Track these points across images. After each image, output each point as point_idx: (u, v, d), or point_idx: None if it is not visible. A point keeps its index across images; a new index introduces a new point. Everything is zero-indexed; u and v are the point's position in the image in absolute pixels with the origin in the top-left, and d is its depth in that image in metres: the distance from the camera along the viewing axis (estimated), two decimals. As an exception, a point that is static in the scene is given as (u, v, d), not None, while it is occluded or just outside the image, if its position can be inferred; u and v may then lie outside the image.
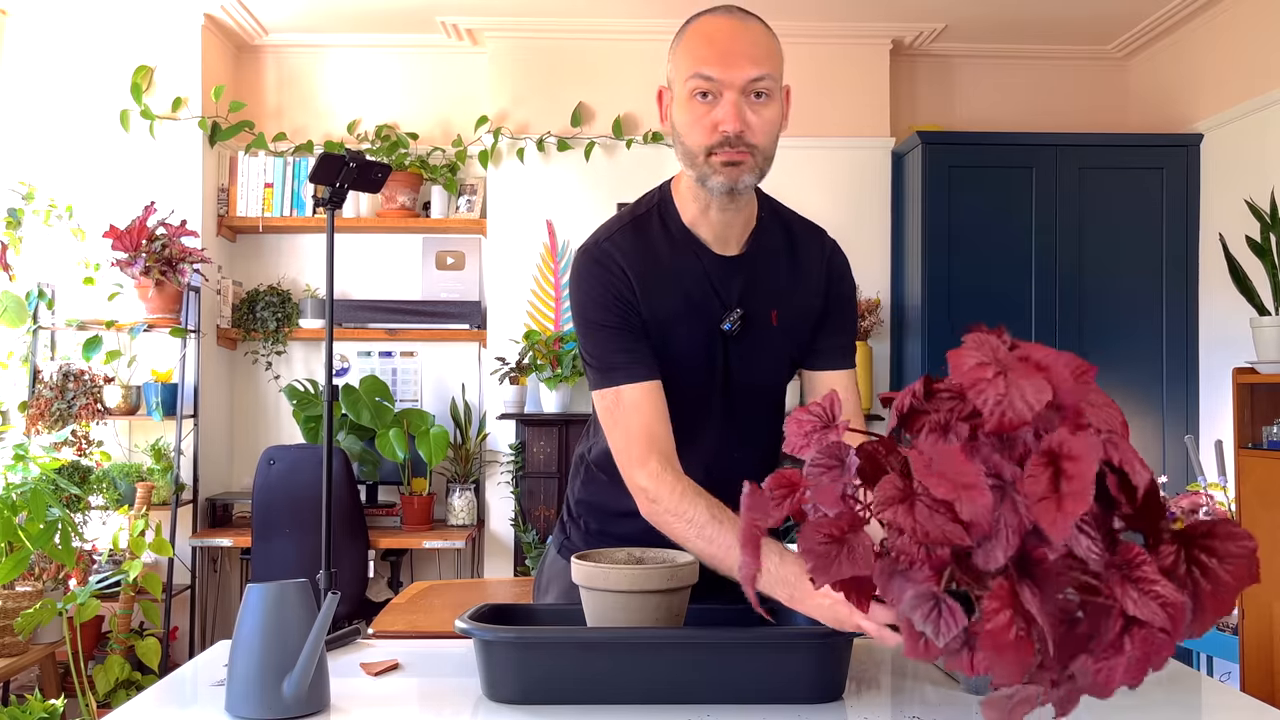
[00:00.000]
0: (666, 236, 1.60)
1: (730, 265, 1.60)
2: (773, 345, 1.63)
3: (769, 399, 1.69)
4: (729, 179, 1.50)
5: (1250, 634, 3.10)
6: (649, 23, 4.43)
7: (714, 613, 1.55)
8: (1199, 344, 4.24)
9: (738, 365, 1.61)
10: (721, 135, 1.47)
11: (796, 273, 1.65)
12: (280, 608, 1.30)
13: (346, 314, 4.49)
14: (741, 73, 1.46)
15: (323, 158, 2.09)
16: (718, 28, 1.50)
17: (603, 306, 1.56)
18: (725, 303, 1.59)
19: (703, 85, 1.47)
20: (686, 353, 1.59)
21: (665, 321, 1.57)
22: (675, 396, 1.57)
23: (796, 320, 1.64)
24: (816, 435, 0.99)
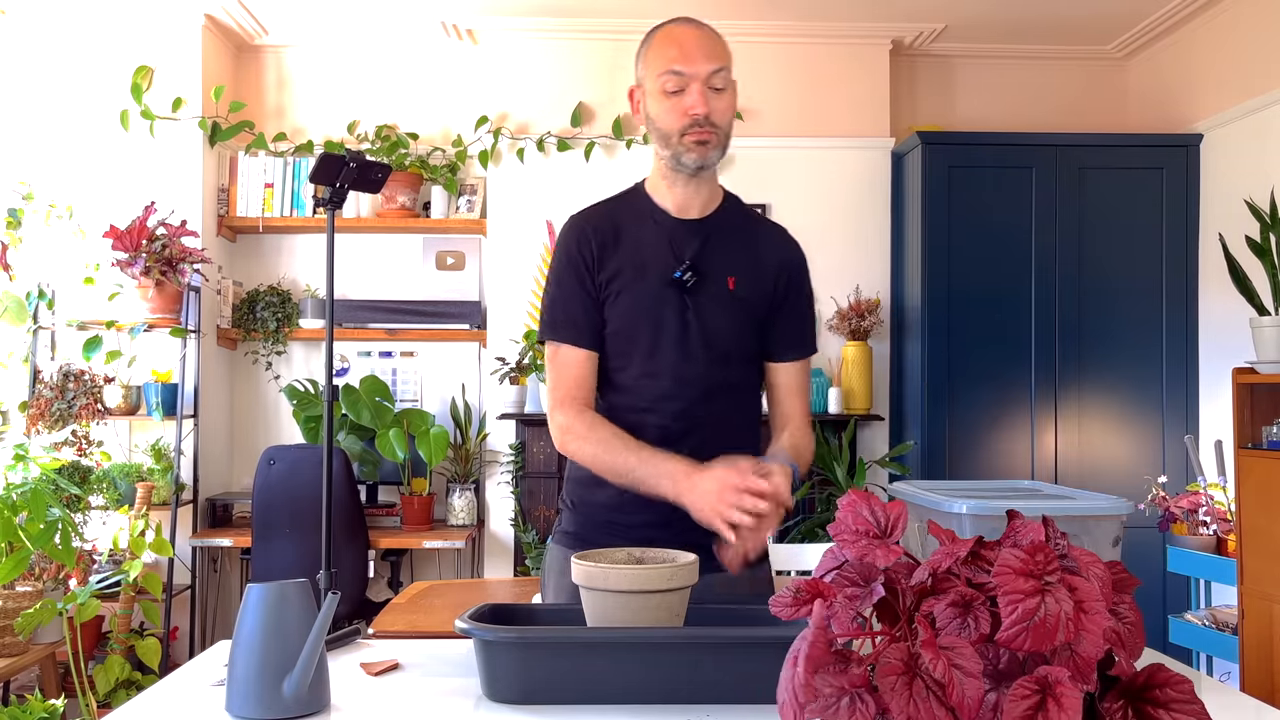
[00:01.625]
0: (632, 209, 1.88)
1: (687, 227, 1.85)
2: (729, 308, 1.82)
3: (728, 355, 1.83)
4: (700, 155, 1.78)
5: (1250, 634, 3.10)
6: (648, 23, 4.42)
7: (714, 613, 1.55)
8: (1199, 344, 4.24)
9: (694, 318, 1.80)
10: (692, 118, 1.76)
11: (755, 251, 1.87)
12: (280, 608, 1.30)
13: (346, 314, 4.49)
14: (705, 66, 1.77)
15: (323, 158, 2.09)
16: (683, 33, 1.81)
17: (564, 268, 1.83)
18: (679, 258, 1.81)
19: (674, 80, 1.77)
20: (649, 296, 1.80)
21: (633, 269, 1.81)
22: (644, 349, 1.80)
23: (753, 293, 1.84)
24: (866, 543, 0.99)
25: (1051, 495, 1.70)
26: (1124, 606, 0.95)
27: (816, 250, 4.59)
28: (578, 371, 1.81)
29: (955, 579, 0.94)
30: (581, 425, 1.77)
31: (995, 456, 4.24)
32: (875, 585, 0.95)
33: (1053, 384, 4.24)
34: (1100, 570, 0.92)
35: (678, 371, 1.80)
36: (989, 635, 0.89)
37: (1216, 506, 3.60)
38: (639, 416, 1.80)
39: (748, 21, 4.43)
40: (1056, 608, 0.86)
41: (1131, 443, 4.25)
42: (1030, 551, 0.90)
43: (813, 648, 0.89)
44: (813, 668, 0.89)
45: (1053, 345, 4.24)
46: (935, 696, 0.85)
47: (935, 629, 0.90)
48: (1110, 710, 0.89)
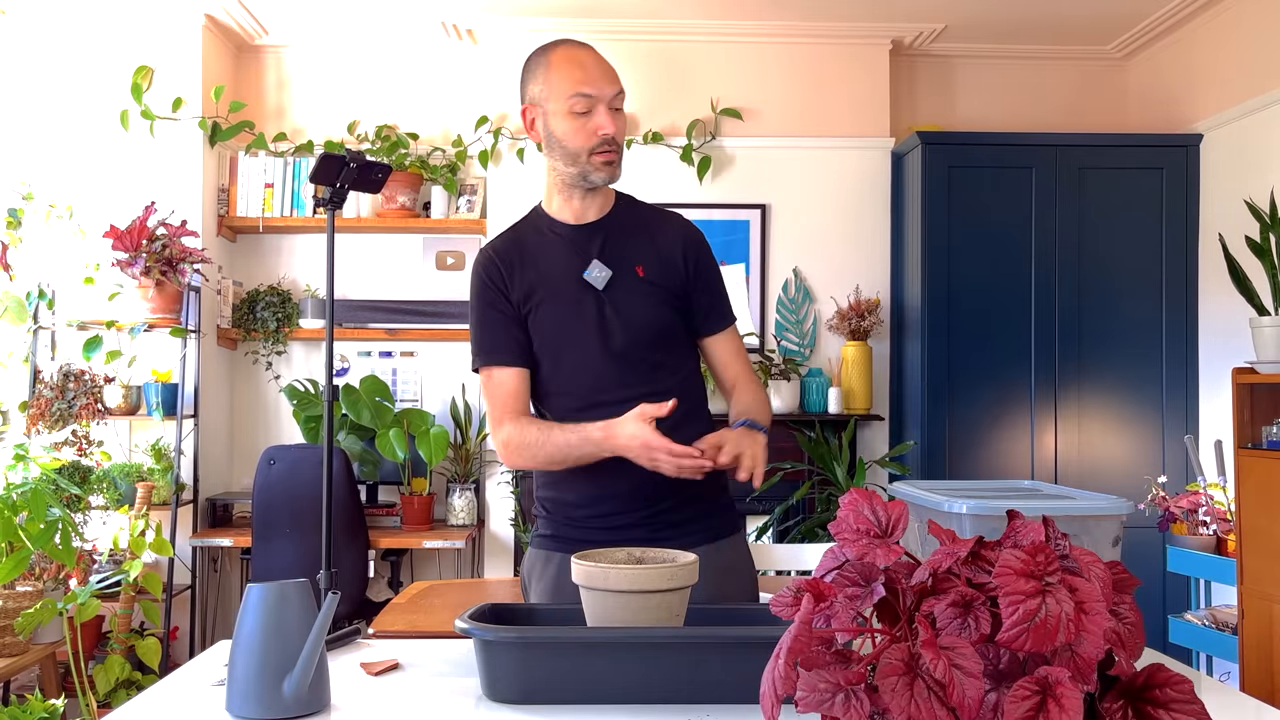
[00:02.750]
0: (533, 228, 1.98)
1: (586, 230, 1.94)
2: (644, 294, 1.90)
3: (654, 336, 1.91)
4: (608, 174, 1.89)
5: (1250, 634, 3.10)
6: (648, 23, 4.43)
7: (714, 613, 1.55)
8: (1199, 344, 4.24)
9: (613, 311, 1.88)
10: (601, 138, 1.86)
11: (655, 239, 1.96)
12: (280, 608, 1.30)
13: (346, 314, 4.49)
14: (609, 89, 1.87)
15: (323, 158, 2.09)
16: (585, 56, 1.90)
17: (480, 298, 1.92)
18: (585, 259, 1.90)
19: (582, 103, 1.86)
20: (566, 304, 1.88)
21: (539, 285, 1.89)
22: (573, 350, 1.88)
23: (664, 277, 1.92)
24: (867, 542, 0.99)
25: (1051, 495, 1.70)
26: (1124, 607, 0.95)
27: (816, 250, 4.62)
28: (510, 388, 1.90)
29: (956, 579, 0.94)
30: (517, 432, 1.85)
31: (995, 456, 4.24)
32: (876, 585, 0.95)
33: (1053, 384, 4.24)
34: (1101, 571, 0.92)
35: (609, 364, 1.87)
36: (989, 635, 0.89)
37: (1216, 506, 3.60)
38: (583, 415, 1.85)
39: (748, 21, 4.43)
40: (1057, 608, 0.86)
41: (1131, 443, 4.25)
42: (1031, 552, 0.90)
43: (795, 641, 0.89)
44: (793, 660, 0.89)
45: (1053, 345, 4.24)
46: (936, 697, 0.85)
47: (936, 629, 0.90)
48: (1110, 710, 0.89)
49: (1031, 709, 0.84)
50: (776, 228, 4.46)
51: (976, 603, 0.91)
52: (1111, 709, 0.89)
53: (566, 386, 1.90)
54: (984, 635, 0.89)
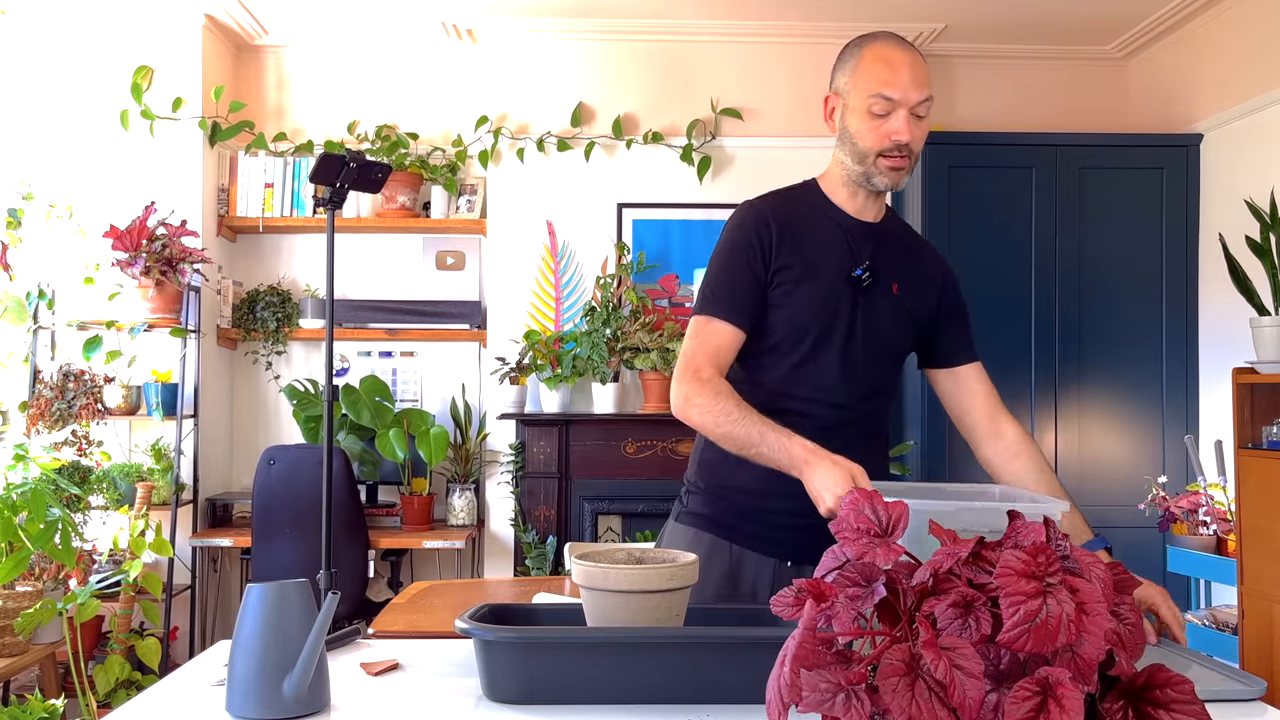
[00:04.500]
0: (811, 204, 1.93)
1: (865, 228, 1.90)
2: (893, 309, 1.89)
3: (888, 356, 1.91)
4: (893, 180, 1.84)
5: (1250, 634, 3.10)
6: (648, 23, 4.43)
7: (714, 613, 1.55)
8: (1199, 344, 4.24)
9: (864, 313, 1.86)
10: (894, 143, 1.80)
11: (916, 263, 1.95)
12: (280, 608, 1.30)
13: (346, 314, 4.49)
14: (915, 95, 1.81)
15: (323, 158, 2.09)
16: (897, 57, 1.84)
17: (736, 250, 1.86)
18: (857, 257, 1.87)
19: (882, 104, 1.81)
20: (825, 292, 1.84)
21: (808, 264, 1.85)
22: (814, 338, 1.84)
23: (915, 302, 1.91)
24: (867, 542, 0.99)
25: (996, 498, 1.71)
26: (1125, 607, 0.95)
27: (816, 250, 4.59)
28: (720, 342, 1.83)
29: (956, 579, 0.94)
30: (709, 391, 1.76)
31: (995, 456, 4.23)
32: (876, 585, 0.95)
33: (1053, 384, 4.24)
34: (1101, 571, 0.92)
35: (841, 368, 1.85)
36: (990, 636, 0.89)
37: (1216, 506, 3.60)
38: (796, 405, 1.83)
39: (748, 21, 4.43)
40: (1058, 609, 0.86)
41: (1131, 443, 4.25)
42: (1032, 553, 0.90)
43: (800, 647, 0.89)
44: (799, 667, 0.89)
45: (1053, 345, 4.24)
46: (937, 697, 0.85)
47: (937, 629, 0.90)
48: (1111, 711, 0.89)
49: (1032, 709, 0.84)
50: (776, 228, 4.45)
51: (977, 603, 0.91)
52: (1112, 709, 0.89)
53: (788, 374, 1.85)
54: (985, 636, 0.89)
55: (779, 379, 1.86)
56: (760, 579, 1.85)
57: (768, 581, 1.85)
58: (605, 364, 4.27)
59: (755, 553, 1.86)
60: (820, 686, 0.88)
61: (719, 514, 1.89)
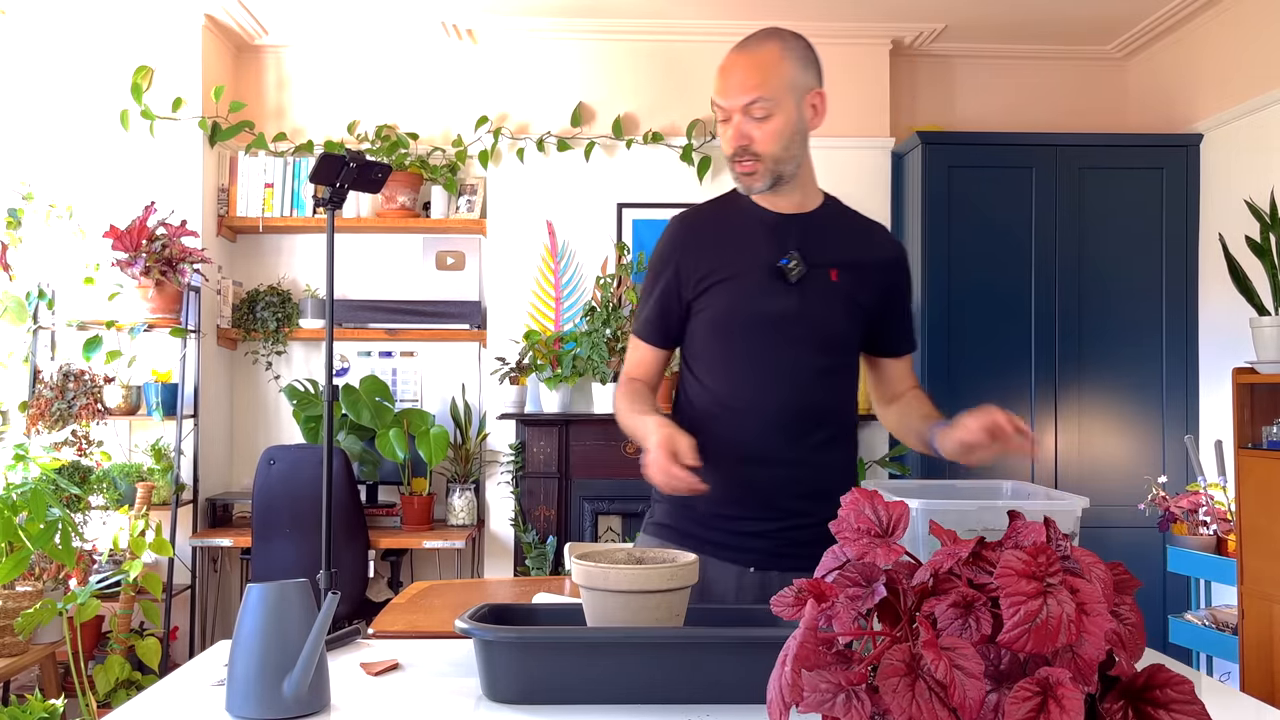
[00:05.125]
0: (733, 205, 1.93)
1: (791, 220, 1.89)
2: (833, 296, 1.86)
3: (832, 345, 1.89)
4: (746, 184, 1.86)
5: (1250, 634, 3.10)
6: (648, 23, 4.43)
7: (714, 613, 1.55)
8: (1199, 344, 4.24)
9: (799, 304, 1.84)
10: (733, 148, 1.82)
11: (857, 247, 1.92)
12: (280, 608, 1.30)
13: (346, 314, 4.49)
14: (740, 99, 1.79)
15: (323, 158, 2.09)
16: (730, 62, 1.84)
17: (653, 267, 1.94)
18: (783, 248, 1.85)
19: (720, 112, 1.83)
20: (750, 288, 1.85)
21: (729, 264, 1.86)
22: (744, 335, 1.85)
23: (856, 286, 1.88)
24: (868, 542, 0.99)
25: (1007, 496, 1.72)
26: (1125, 608, 0.95)
27: (816, 250, 4.59)
28: (639, 358, 1.96)
29: (957, 580, 0.94)
30: (617, 393, 1.92)
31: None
32: (877, 585, 0.95)
33: (1053, 384, 4.24)
34: (1102, 572, 0.92)
35: (779, 361, 1.85)
36: (991, 636, 0.89)
37: (1216, 506, 3.60)
38: (741, 403, 1.84)
39: (748, 21, 4.42)
40: (1058, 609, 0.86)
41: (1131, 443, 4.25)
42: (1032, 553, 0.90)
43: (801, 648, 0.89)
44: (800, 668, 0.89)
45: (1053, 345, 4.24)
46: (937, 698, 0.85)
47: (937, 630, 0.90)
48: (1110, 711, 0.89)
49: (1032, 710, 0.84)
50: (776, 228, 4.45)
51: (978, 603, 0.91)
52: (1112, 709, 0.89)
53: (721, 370, 1.87)
54: (985, 636, 0.89)
55: (721, 379, 1.88)
56: (727, 585, 1.85)
57: (734, 588, 1.85)
58: (605, 364, 4.27)
59: (720, 560, 1.85)
60: (820, 687, 0.88)
61: (683, 524, 1.89)
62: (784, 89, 1.81)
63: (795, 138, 1.84)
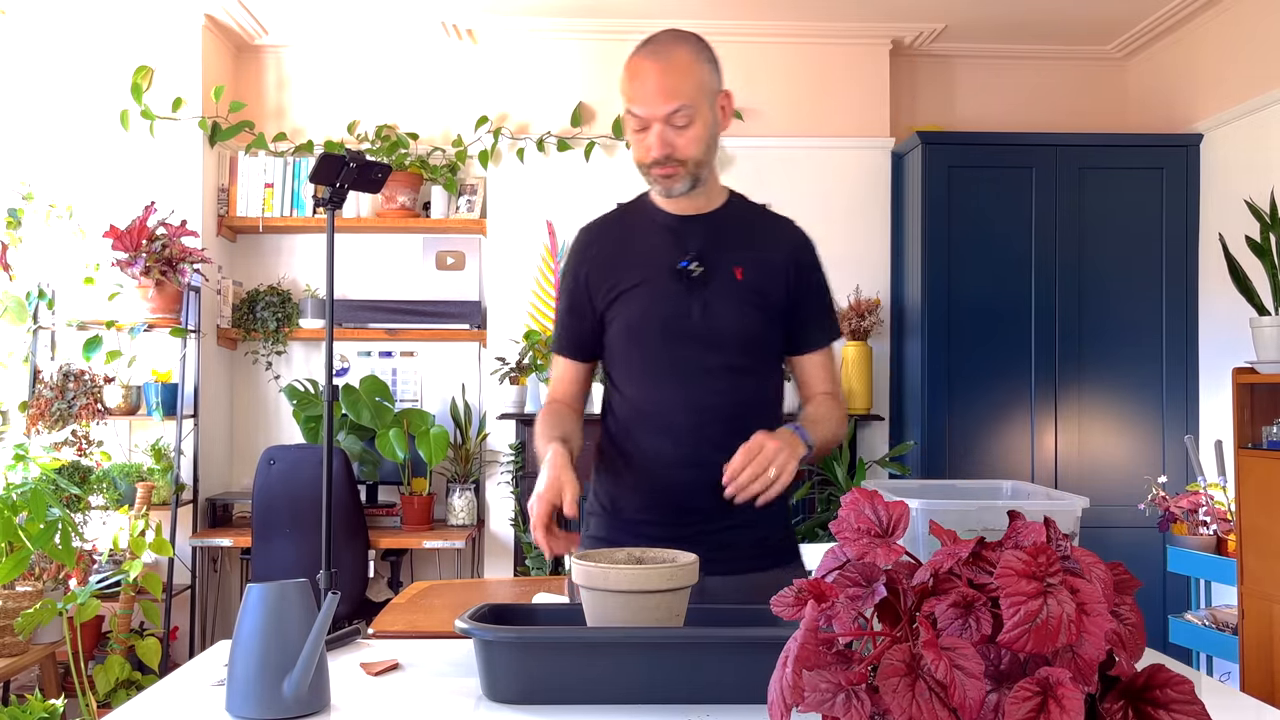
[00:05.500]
0: (635, 212, 1.93)
1: (693, 221, 1.87)
2: (739, 295, 1.83)
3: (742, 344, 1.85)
4: (665, 188, 1.82)
5: (1250, 634, 3.10)
6: (648, 23, 4.43)
7: (714, 613, 1.55)
8: (1199, 344, 4.24)
9: (702, 305, 1.82)
10: (653, 158, 1.78)
11: (762, 243, 1.89)
12: (280, 608, 1.30)
13: (346, 314, 4.49)
14: (662, 108, 1.75)
15: (323, 158, 2.09)
16: (643, 69, 1.79)
17: (562, 282, 1.94)
18: (684, 250, 1.84)
19: (635, 121, 1.79)
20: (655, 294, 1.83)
21: (631, 272, 1.85)
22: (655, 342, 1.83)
23: (764, 283, 1.85)
24: (868, 542, 0.99)
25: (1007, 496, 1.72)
26: (1125, 608, 0.95)
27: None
28: (559, 376, 1.95)
29: (957, 580, 0.94)
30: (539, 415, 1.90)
31: (995, 457, 4.24)
32: (877, 585, 0.95)
33: (1053, 384, 4.24)
34: (1102, 572, 0.92)
35: (688, 365, 1.82)
36: (991, 636, 0.89)
37: (1216, 506, 3.60)
38: (656, 411, 1.83)
39: (748, 21, 4.43)
40: (1058, 609, 0.86)
41: (1131, 443, 4.25)
42: (1032, 553, 0.90)
43: (802, 649, 0.89)
44: (801, 669, 0.89)
45: (1053, 345, 4.24)
46: (937, 698, 0.85)
47: (937, 630, 0.90)
48: (1111, 711, 0.89)
49: (1032, 710, 0.84)
50: (776, 228, 4.45)
51: (978, 603, 0.91)
52: (1112, 709, 0.89)
53: (637, 379, 1.86)
54: (985, 636, 0.89)
55: (636, 387, 1.87)
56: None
57: None
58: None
59: None
60: (821, 687, 0.88)
61: (614, 534, 1.87)
62: (700, 94, 1.78)
63: (712, 141, 1.82)
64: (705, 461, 1.75)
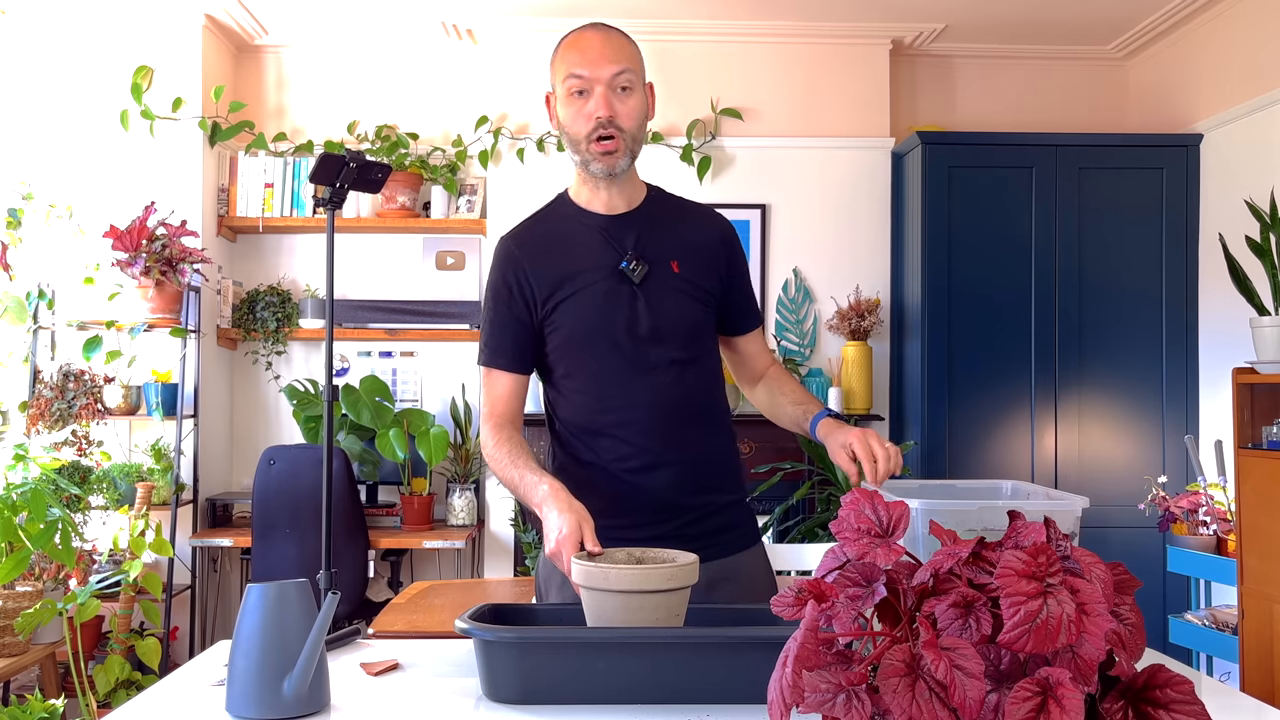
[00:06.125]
0: (562, 216, 1.90)
1: (623, 220, 1.86)
2: (678, 290, 1.84)
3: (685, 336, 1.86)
4: (606, 165, 1.79)
5: (1250, 634, 3.10)
6: (648, 23, 4.43)
7: (714, 613, 1.55)
8: (1199, 344, 4.24)
9: (645, 303, 1.82)
10: (595, 121, 1.76)
11: (690, 234, 1.90)
12: (280, 608, 1.30)
13: (346, 314, 4.49)
14: (608, 69, 1.76)
15: (323, 158, 2.09)
16: (585, 38, 1.80)
17: (494, 292, 1.88)
18: (621, 250, 1.83)
19: (577, 84, 1.77)
20: (598, 297, 1.81)
21: (571, 278, 1.82)
22: (600, 345, 1.81)
23: (698, 273, 1.87)
24: (868, 542, 0.99)
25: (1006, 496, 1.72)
26: (1125, 608, 0.95)
27: (816, 250, 4.61)
28: (501, 392, 1.88)
29: (957, 580, 0.94)
30: (491, 441, 1.84)
31: (995, 456, 4.24)
32: (877, 585, 0.95)
33: (1053, 384, 4.24)
34: (1102, 571, 0.92)
35: (639, 363, 1.81)
36: (991, 636, 0.89)
37: (1216, 506, 3.60)
38: (610, 415, 1.82)
39: (748, 21, 4.43)
40: (1058, 610, 0.86)
41: (1131, 443, 4.25)
42: (1032, 553, 0.90)
43: (802, 648, 0.89)
44: (801, 669, 0.89)
45: (1053, 345, 4.24)
46: (937, 698, 0.85)
47: (937, 630, 0.90)
48: (1111, 711, 0.89)
49: (1032, 710, 0.84)
50: (776, 228, 4.46)
51: (978, 604, 0.91)
52: (1112, 709, 0.89)
53: (588, 385, 1.84)
54: (985, 636, 0.89)
55: (586, 393, 1.84)
56: None
57: None
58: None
59: None
60: (821, 687, 0.88)
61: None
62: (639, 68, 1.81)
63: (644, 122, 1.83)
64: (667, 460, 1.79)
